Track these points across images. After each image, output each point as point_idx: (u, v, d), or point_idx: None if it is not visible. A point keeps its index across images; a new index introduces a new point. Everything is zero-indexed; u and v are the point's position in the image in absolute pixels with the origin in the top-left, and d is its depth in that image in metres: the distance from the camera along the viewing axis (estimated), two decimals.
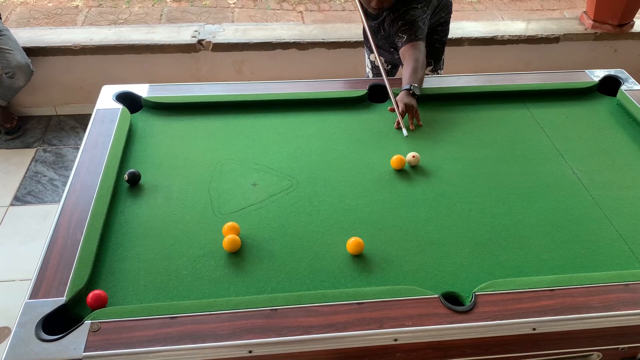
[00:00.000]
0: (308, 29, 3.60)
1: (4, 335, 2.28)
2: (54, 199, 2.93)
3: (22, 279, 2.47)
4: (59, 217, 1.55)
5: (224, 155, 1.86)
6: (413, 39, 2.12)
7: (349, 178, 1.78)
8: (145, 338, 1.25)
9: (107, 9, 4.47)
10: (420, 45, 2.13)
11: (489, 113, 2.11)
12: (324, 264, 1.48)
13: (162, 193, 1.69)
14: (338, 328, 1.28)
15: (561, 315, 1.33)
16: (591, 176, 1.80)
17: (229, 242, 1.49)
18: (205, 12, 4.52)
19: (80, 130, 3.44)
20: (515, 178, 1.80)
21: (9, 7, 4.37)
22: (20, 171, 3.11)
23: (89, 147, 1.81)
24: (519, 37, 3.57)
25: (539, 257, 1.52)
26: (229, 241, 1.49)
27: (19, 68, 3.07)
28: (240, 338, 1.26)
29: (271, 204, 1.67)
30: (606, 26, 3.63)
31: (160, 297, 1.38)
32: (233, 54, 3.46)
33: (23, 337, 1.23)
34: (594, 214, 1.66)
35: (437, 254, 1.52)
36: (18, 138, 3.37)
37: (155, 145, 1.89)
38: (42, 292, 1.33)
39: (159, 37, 3.43)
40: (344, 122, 2.03)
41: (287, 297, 1.36)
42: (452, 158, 1.87)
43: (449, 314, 1.32)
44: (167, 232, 1.56)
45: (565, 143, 1.95)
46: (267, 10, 4.60)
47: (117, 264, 1.46)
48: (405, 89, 2.04)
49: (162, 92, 2.10)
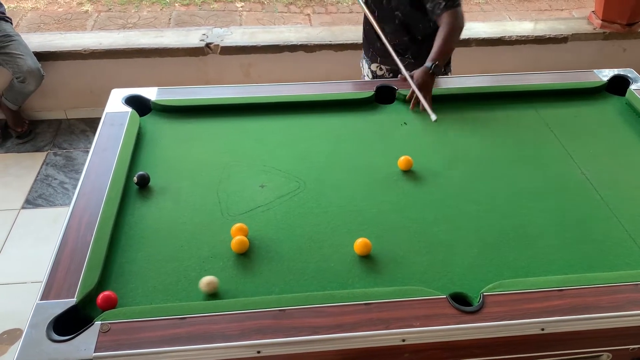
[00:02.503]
0: (315, 32, 3.61)
1: (15, 337, 2.30)
2: (64, 201, 2.96)
3: (33, 281, 2.49)
4: (69, 220, 1.56)
5: (232, 157, 1.87)
6: (451, 5, 2.01)
7: (356, 179, 1.78)
8: (155, 339, 1.26)
9: (116, 13, 4.50)
10: (459, 11, 2.01)
11: (497, 113, 2.10)
12: (332, 265, 1.49)
13: (171, 195, 1.70)
14: (346, 328, 1.29)
15: (570, 315, 1.32)
16: (600, 176, 1.80)
17: (237, 243, 1.50)
18: (213, 15, 4.54)
19: (90, 133, 3.47)
20: (523, 178, 1.79)
21: (19, 13, 4.41)
22: (31, 174, 3.15)
23: (99, 150, 1.82)
24: (526, 37, 3.57)
25: (548, 257, 1.51)
26: (237, 242, 1.50)
27: (29, 73, 3.11)
28: (249, 338, 1.26)
29: (279, 205, 1.67)
30: (615, 25, 3.62)
31: (170, 298, 1.39)
32: (241, 57, 3.48)
33: (34, 337, 1.24)
34: (602, 213, 1.66)
35: (445, 254, 1.52)
36: (29, 142, 3.41)
37: (164, 147, 1.90)
38: (53, 294, 1.34)
39: (168, 40, 3.46)
40: (351, 124, 2.04)
41: (295, 297, 1.37)
42: (460, 158, 1.87)
43: (457, 314, 1.32)
44: (176, 233, 1.57)
45: (573, 143, 1.94)
46: (275, 13, 4.62)
47: (126, 266, 1.47)
48: (426, 67, 1.95)
49: (171, 95, 2.12)
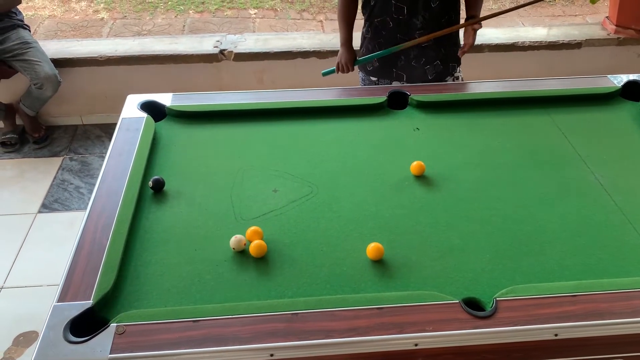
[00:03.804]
0: (328, 38, 3.63)
1: (31, 339, 2.33)
2: (80, 206, 3.00)
3: (49, 284, 2.53)
4: (85, 222, 1.58)
5: (245, 162, 1.88)
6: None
7: (368, 184, 1.79)
8: (170, 341, 1.27)
9: (131, 20, 4.57)
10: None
11: (510, 119, 2.10)
12: (344, 269, 1.49)
13: (186, 199, 1.72)
14: (359, 332, 1.29)
15: (584, 321, 1.32)
16: (614, 181, 1.79)
17: (256, 248, 1.51)
18: (227, 22, 4.58)
19: (105, 139, 3.51)
20: (536, 184, 1.79)
21: (37, 20, 4.49)
22: (47, 179, 3.20)
23: (115, 155, 1.85)
24: (540, 43, 3.55)
25: (561, 263, 1.51)
26: (256, 246, 1.51)
27: (47, 79, 3.16)
28: (262, 341, 1.27)
29: (291, 209, 1.69)
30: (629, 31, 3.59)
31: (184, 300, 1.40)
32: (254, 63, 3.50)
33: (52, 339, 1.26)
34: (617, 219, 1.65)
35: (458, 259, 1.52)
36: (46, 147, 3.46)
37: (179, 152, 1.93)
38: (70, 296, 1.37)
39: (182, 47, 3.50)
40: (364, 129, 2.05)
41: (308, 301, 1.37)
42: (472, 164, 1.87)
43: (469, 319, 1.32)
44: (190, 237, 1.59)
45: (587, 148, 1.93)
46: (288, 20, 4.65)
47: (141, 268, 1.49)
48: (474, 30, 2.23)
49: (186, 101, 2.14)
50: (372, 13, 2.30)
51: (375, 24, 2.31)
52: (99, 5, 4.74)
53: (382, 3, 2.25)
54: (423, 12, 2.23)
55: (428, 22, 2.25)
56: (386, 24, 2.28)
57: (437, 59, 2.35)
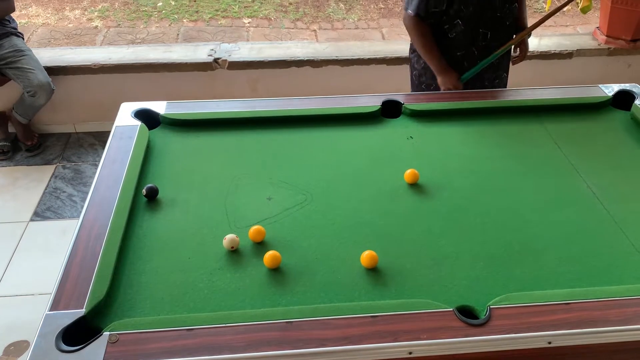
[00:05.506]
0: (322, 47, 3.65)
1: (22, 349, 2.31)
2: (73, 214, 2.98)
3: (41, 292, 2.51)
4: (79, 231, 1.58)
5: (239, 170, 1.88)
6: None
7: (362, 192, 1.79)
8: (163, 349, 1.26)
9: (125, 29, 4.57)
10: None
11: (503, 127, 2.12)
12: (339, 277, 1.49)
13: (179, 207, 1.72)
14: (353, 341, 1.29)
15: (577, 328, 1.32)
16: (606, 190, 1.80)
17: (271, 259, 1.50)
18: (221, 31, 4.60)
19: (98, 147, 3.50)
20: (529, 192, 1.80)
21: (31, 28, 4.49)
22: (40, 187, 3.18)
23: (108, 163, 1.84)
24: (532, 52, 3.58)
25: (554, 271, 1.51)
26: (270, 257, 1.50)
27: (40, 87, 3.15)
28: (256, 350, 1.27)
29: (286, 217, 1.69)
30: (619, 41, 3.63)
31: (177, 309, 1.39)
32: (248, 72, 3.51)
33: (44, 348, 1.25)
34: (609, 227, 1.66)
35: (452, 267, 1.52)
36: (38, 155, 3.45)
37: (173, 160, 1.92)
38: (62, 304, 1.36)
39: (176, 55, 3.50)
40: (358, 138, 2.06)
41: (302, 309, 1.37)
42: (466, 172, 1.88)
43: (463, 327, 1.32)
44: (184, 245, 1.58)
45: (579, 157, 1.95)
46: (282, 29, 4.67)
47: (135, 277, 1.48)
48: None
49: (179, 109, 2.14)
50: (451, 46, 2.36)
51: (457, 57, 2.37)
52: (93, 13, 4.74)
53: (463, 34, 2.31)
54: (502, 32, 2.37)
55: (504, 40, 2.40)
56: (470, 55, 2.37)
57: (504, 72, 2.55)
